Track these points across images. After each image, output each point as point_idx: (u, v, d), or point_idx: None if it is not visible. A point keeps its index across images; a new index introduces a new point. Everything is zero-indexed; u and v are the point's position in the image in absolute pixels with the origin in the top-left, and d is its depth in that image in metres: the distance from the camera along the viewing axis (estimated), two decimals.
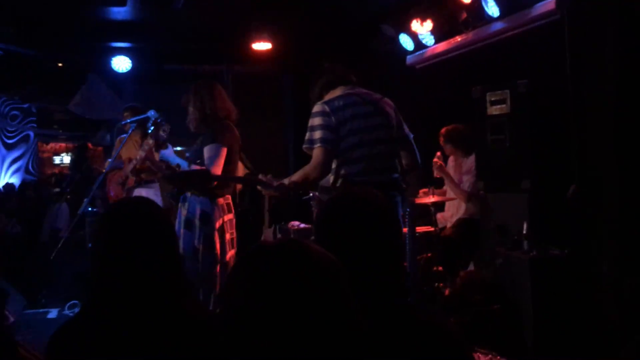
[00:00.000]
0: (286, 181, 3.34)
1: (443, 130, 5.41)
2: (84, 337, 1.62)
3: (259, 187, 3.49)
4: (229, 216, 4.06)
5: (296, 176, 3.30)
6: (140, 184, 5.32)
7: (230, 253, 4.04)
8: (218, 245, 3.93)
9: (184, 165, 4.02)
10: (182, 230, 3.97)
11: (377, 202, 1.65)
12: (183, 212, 4.04)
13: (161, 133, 3.96)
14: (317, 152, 3.19)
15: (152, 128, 3.87)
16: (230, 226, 4.05)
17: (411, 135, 3.51)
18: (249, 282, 1.03)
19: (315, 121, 3.23)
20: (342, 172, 3.24)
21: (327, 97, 3.40)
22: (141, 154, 4.28)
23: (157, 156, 4.36)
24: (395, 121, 3.41)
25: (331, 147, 3.18)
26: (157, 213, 1.79)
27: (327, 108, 3.22)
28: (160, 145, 3.91)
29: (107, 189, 5.64)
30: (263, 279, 1.01)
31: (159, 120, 3.89)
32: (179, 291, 1.74)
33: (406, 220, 3.87)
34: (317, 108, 3.25)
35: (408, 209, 3.94)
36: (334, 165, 3.29)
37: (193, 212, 3.96)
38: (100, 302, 1.67)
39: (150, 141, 4.08)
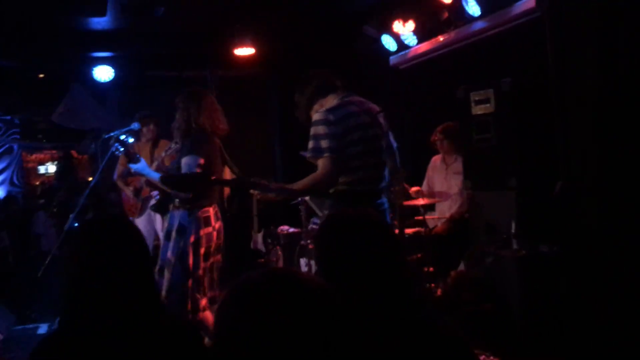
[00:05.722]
0: (288, 187, 3.31)
1: (440, 127, 5.41)
2: (64, 352, 1.63)
3: (252, 191, 3.40)
4: (207, 230, 3.98)
5: (301, 184, 3.22)
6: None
7: (202, 266, 3.96)
8: (191, 260, 3.89)
9: (155, 177, 3.99)
10: (163, 241, 4.06)
11: (373, 221, 1.66)
12: (165, 224, 4.15)
13: (130, 150, 3.93)
14: (325, 162, 3.12)
15: (122, 149, 3.85)
16: (207, 240, 3.97)
17: (395, 144, 3.53)
18: (239, 318, 1.02)
19: (320, 130, 3.15)
20: (341, 180, 3.22)
21: (326, 105, 3.35)
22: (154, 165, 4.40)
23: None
24: (385, 130, 3.42)
25: (339, 156, 3.13)
26: (131, 230, 1.81)
27: (331, 117, 3.15)
28: (131, 159, 3.90)
29: (123, 195, 5.97)
30: (254, 314, 1.01)
31: (121, 138, 3.87)
32: (152, 307, 1.75)
33: (395, 222, 3.90)
34: (319, 116, 3.17)
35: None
36: None
37: (172, 224, 3.99)
38: (75, 318, 1.69)
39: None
